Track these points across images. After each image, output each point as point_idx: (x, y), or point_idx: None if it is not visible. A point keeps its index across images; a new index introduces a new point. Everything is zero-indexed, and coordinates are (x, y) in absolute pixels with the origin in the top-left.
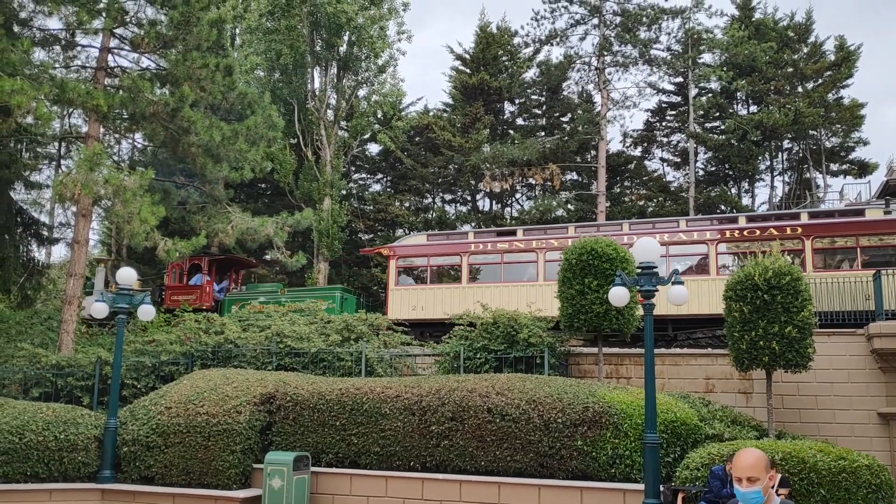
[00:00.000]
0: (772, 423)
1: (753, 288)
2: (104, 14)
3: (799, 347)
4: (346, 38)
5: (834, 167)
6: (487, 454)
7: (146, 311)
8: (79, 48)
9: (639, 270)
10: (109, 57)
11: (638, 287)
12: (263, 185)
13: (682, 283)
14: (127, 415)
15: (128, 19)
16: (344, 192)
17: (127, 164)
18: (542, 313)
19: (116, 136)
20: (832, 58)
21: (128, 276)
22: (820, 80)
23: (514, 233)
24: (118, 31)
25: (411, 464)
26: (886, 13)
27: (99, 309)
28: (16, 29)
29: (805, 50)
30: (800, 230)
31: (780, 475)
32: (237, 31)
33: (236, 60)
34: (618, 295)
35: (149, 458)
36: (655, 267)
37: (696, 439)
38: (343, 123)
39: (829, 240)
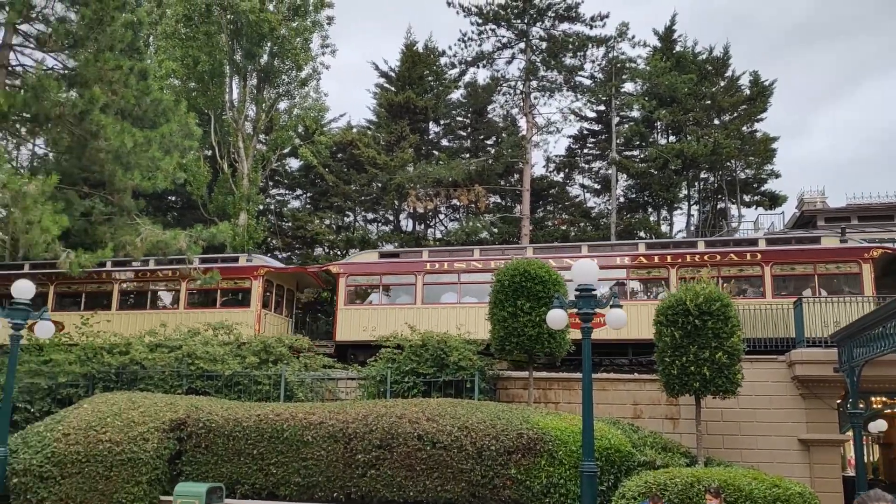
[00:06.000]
0: (700, 449)
1: (685, 313)
2: (7, 7)
3: (729, 373)
4: (267, 48)
5: (746, 198)
6: (417, 484)
7: (45, 328)
8: None
9: (577, 293)
10: (11, 55)
11: (577, 310)
12: (173, 198)
13: (620, 306)
14: (18, 442)
15: (34, 14)
16: (261, 207)
17: (27, 172)
18: None
19: (14, 140)
20: (748, 92)
21: (24, 288)
22: (736, 114)
23: None
24: (23, 27)
25: (335, 495)
26: (792, 52)
27: None
28: None
29: (722, 83)
30: None
31: None
32: (150, 38)
33: (151, 66)
34: (556, 318)
35: (42, 489)
36: (595, 289)
37: (629, 466)
38: (262, 136)
39: None
